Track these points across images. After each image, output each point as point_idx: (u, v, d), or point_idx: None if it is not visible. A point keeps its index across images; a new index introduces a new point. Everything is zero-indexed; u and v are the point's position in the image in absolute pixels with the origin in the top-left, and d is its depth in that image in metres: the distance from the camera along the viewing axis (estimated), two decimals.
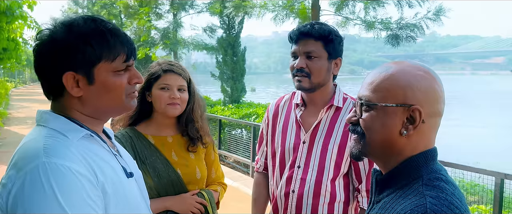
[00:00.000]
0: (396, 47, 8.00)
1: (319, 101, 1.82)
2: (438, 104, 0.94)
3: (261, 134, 2.05)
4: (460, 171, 4.35)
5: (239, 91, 13.36)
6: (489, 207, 4.12)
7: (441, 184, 0.87)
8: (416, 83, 0.92)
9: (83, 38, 1.00)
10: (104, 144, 1.09)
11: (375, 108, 0.94)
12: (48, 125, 1.02)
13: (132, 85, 1.09)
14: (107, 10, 22.15)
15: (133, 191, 1.11)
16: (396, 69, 0.94)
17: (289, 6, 8.28)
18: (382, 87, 0.94)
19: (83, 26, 1.02)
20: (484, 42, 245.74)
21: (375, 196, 1.00)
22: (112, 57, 1.03)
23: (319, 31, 1.71)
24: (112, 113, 1.13)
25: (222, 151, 8.23)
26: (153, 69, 1.83)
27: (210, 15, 14.12)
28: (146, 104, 1.85)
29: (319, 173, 1.76)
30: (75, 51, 1.00)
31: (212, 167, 1.99)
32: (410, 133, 0.91)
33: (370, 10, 8.03)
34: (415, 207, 0.82)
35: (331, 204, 1.76)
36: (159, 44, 14.28)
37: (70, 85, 1.01)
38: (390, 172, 0.95)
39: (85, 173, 0.93)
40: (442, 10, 7.49)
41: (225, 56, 13.30)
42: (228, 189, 2.11)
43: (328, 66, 1.75)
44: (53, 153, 0.92)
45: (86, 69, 1.01)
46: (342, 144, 1.75)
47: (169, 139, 1.86)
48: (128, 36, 1.09)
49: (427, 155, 0.93)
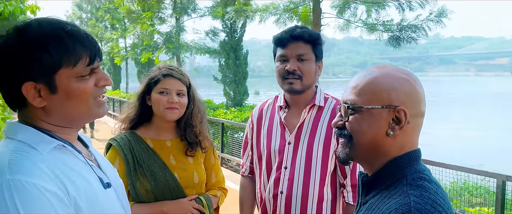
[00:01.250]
0: (398, 49, 8.00)
1: (302, 102, 1.85)
2: (421, 105, 0.97)
3: (246, 139, 2.09)
4: (463, 174, 4.35)
5: (242, 94, 13.40)
6: (492, 209, 4.10)
7: (424, 183, 0.89)
8: (400, 86, 0.94)
9: (38, 44, 0.91)
10: (78, 154, 1.03)
11: (360, 111, 0.96)
12: (16, 137, 0.96)
13: (100, 88, 1.02)
14: (111, 14, 22.32)
15: (111, 202, 1.06)
16: (379, 73, 0.97)
17: (291, 9, 8.31)
18: (367, 90, 0.96)
19: (37, 30, 0.93)
20: (488, 43, 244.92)
21: (362, 197, 1.02)
22: (73, 62, 0.94)
23: (310, 34, 1.76)
24: (81, 120, 1.04)
25: (225, 154, 8.24)
26: (153, 74, 1.85)
27: (213, 19, 14.19)
28: (146, 108, 1.86)
29: (306, 172, 1.78)
30: (30, 60, 0.91)
31: (212, 171, 1.99)
32: (396, 133, 0.94)
33: (372, 13, 8.05)
34: (399, 206, 0.85)
35: (320, 203, 1.79)
36: (162, 48, 14.34)
37: (32, 96, 0.94)
38: (376, 173, 0.98)
39: (53, 189, 0.87)
40: (445, 12, 7.49)
41: (228, 60, 13.36)
42: (231, 192, 2.11)
43: (315, 68, 1.81)
44: (17, 170, 0.86)
45: (46, 78, 0.93)
46: (326, 142, 1.78)
47: (168, 142, 1.88)
48: (90, 36, 1.00)
49: (410, 155, 0.95)
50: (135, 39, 16.75)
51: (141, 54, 15.50)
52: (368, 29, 7.95)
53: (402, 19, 7.72)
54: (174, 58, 15.22)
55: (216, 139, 8.58)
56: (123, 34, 20.33)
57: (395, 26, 7.76)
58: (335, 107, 1.82)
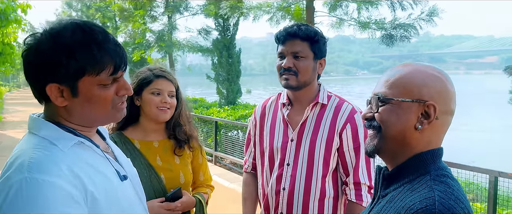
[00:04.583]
0: (390, 47, 8.07)
1: (305, 100, 1.87)
2: (451, 103, 0.99)
3: (248, 135, 2.11)
4: (455, 170, 4.40)
5: (235, 93, 13.39)
6: (484, 205, 4.16)
7: (447, 180, 0.92)
8: (431, 82, 0.97)
9: (67, 52, 0.97)
10: (97, 149, 1.08)
11: (390, 103, 0.98)
12: (39, 133, 1.01)
13: (120, 96, 1.06)
14: (102, 13, 22.10)
15: (127, 193, 1.11)
16: (411, 69, 1.00)
17: (284, 7, 8.33)
18: (398, 84, 0.99)
19: (69, 37, 0.98)
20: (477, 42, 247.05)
21: (381, 191, 1.04)
22: (97, 71, 0.99)
23: (306, 32, 1.78)
24: (99, 123, 1.10)
25: (218, 152, 8.24)
26: (145, 74, 1.87)
27: (205, 17, 14.16)
28: (134, 108, 1.88)
29: (308, 169, 1.80)
30: (58, 65, 0.97)
31: (200, 171, 2.04)
32: (425, 127, 0.96)
33: (363, 11, 8.10)
34: (424, 199, 0.87)
35: (321, 200, 1.81)
36: (154, 46, 14.28)
37: (54, 96, 1.00)
38: (399, 167, 1.00)
39: (69, 188, 0.91)
40: (435, 11, 7.57)
41: (221, 58, 13.33)
42: (225, 190, 2.15)
43: (313, 65, 1.81)
44: (36, 168, 0.91)
45: (70, 82, 0.99)
46: (329, 140, 1.80)
47: (155, 143, 1.90)
48: (119, 46, 1.04)
49: (435, 152, 0.98)
50: (127, 38, 16.65)
51: (133, 52, 15.41)
52: (360, 28, 8.00)
53: (395, 18, 7.79)
54: (166, 57, 15.16)
55: (210, 138, 8.57)
56: (115, 32, 20.17)
57: (388, 24, 7.82)
58: (338, 105, 1.84)
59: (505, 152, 14.71)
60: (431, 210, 0.84)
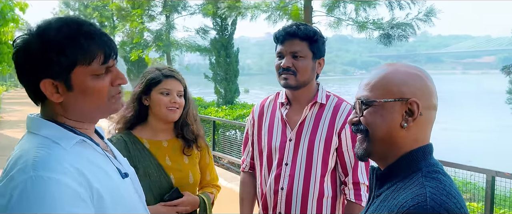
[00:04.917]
0: (388, 46, 8.09)
1: (304, 99, 1.87)
2: (433, 98, 1.01)
3: (246, 135, 2.10)
4: (452, 169, 4.41)
5: (233, 92, 13.37)
6: (481, 204, 4.17)
7: (439, 176, 0.93)
8: (411, 81, 0.99)
9: (56, 48, 0.97)
10: (97, 148, 1.08)
11: (374, 105, 1.00)
12: (40, 132, 1.00)
13: (115, 87, 1.06)
14: (99, 12, 22.06)
15: (129, 191, 1.11)
16: (390, 69, 1.02)
17: (282, 7, 8.33)
18: (379, 85, 1.01)
19: (56, 34, 0.97)
20: (475, 42, 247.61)
21: (375, 191, 1.05)
22: (88, 61, 0.99)
23: (305, 31, 1.78)
24: (97, 116, 1.09)
25: (216, 152, 8.23)
26: (153, 74, 1.87)
27: (203, 16, 14.14)
28: (142, 107, 1.88)
29: (307, 169, 1.80)
30: (48, 61, 0.97)
31: (207, 170, 2.04)
32: (410, 125, 0.97)
33: (361, 11, 8.11)
34: (415, 195, 0.88)
35: (320, 200, 1.81)
36: (152, 46, 14.26)
37: (49, 92, 0.99)
38: (390, 166, 1.01)
39: (75, 186, 0.91)
40: (433, 11, 7.59)
41: (218, 58, 13.30)
42: (223, 190, 2.15)
43: (312, 65, 1.81)
44: (42, 166, 0.90)
45: (63, 76, 0.98)
46: (327, 139, 1.80)
47: (164, 143, 1.90)
48: (107, 35, 1.04)
49: (424, 149, 0.99)
50: (125, 37, 16.61)
51: (131, 52, 15.38)
52: (358, 27, 8.01)
53: (392, 18, 7.80)
54: (164, 56, 15.14)
55: (208, 137, 8.57)
56: (112, 32, 20.12)
57: (385, 24, 7.84)
58: (337, 105, 1.84)
59: (502, 152, 14.78)
60: (423, 207, 0.85)
